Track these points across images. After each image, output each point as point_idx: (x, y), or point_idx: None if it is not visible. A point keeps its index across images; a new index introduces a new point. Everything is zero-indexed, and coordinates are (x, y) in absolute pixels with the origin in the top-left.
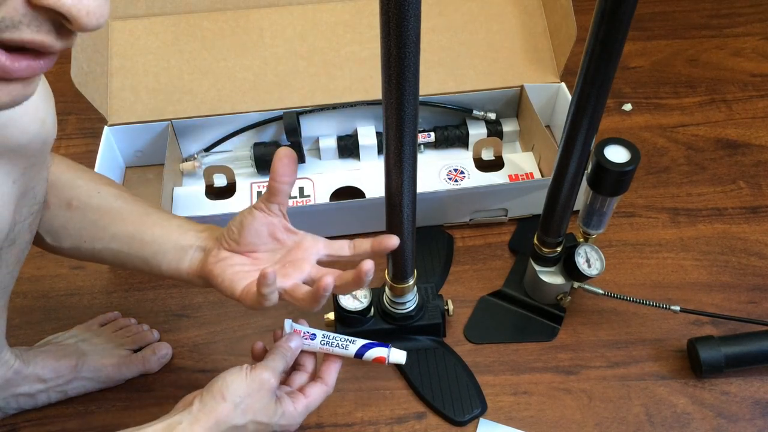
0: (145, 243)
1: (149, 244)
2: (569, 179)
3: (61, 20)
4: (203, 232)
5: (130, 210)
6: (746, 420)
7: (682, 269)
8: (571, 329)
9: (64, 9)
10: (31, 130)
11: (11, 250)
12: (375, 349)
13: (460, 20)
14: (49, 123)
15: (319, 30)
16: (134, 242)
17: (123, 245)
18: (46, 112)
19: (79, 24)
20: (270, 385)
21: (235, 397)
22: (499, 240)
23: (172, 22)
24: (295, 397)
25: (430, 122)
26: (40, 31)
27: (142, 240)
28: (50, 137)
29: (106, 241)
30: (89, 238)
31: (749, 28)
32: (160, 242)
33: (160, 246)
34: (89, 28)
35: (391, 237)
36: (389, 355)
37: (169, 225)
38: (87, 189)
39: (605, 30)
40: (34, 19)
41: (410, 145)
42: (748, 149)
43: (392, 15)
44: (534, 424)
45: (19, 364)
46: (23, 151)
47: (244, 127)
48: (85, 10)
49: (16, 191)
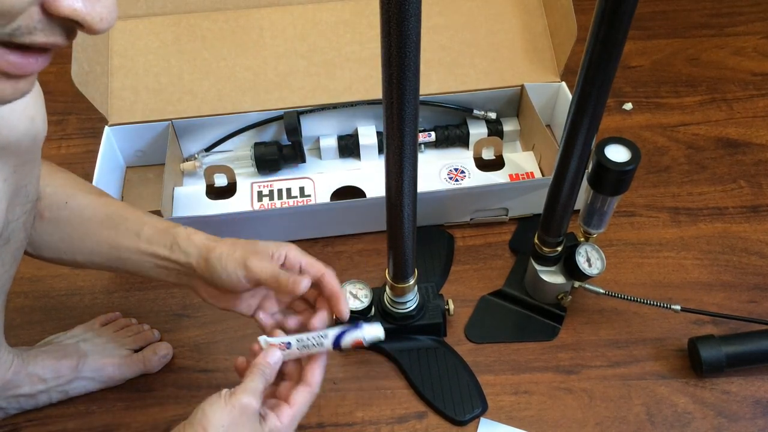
0: (123, 260)
1: (128, 262)
2: (570, 179)
3: (73, 25)
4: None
5: (99, 222)
6: (747, 419)
7: (683, 268)
8: (571, 329)
9: (80, 18)
10: (21, 128)
11: (6, 249)
12: (349, 335)
13: (461, 20)
14: (39, 120)
15: (319, 29)
16: (113, 258)
17: (104, 259)
18: (35, 110)
19: (92, 29)
20: (252, 409)
21: (218, 428)
22: (500, 239)
23: (172, 22)
24: (279, 410)
25: (430, 122)
26: (53, 34)
27: (119, 257)
28: (40, 134)
29: (86, 254)
30: (68, 250)
31: (750, 27)
32: (136, 260)
33: (137, 265)
34: (101, 32)
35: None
36: (364, 335)
37: (138, 240)
38: (56, 199)
39: (605, 29)
40: (48, 25)
41: (411, 144)
42: (748, 148)
43: (392, 14)
44: (535, 423)
45: (20, 364)
46: (13, 149)
47: (244, 126)
48: (99, 17)
49: (8, 189)
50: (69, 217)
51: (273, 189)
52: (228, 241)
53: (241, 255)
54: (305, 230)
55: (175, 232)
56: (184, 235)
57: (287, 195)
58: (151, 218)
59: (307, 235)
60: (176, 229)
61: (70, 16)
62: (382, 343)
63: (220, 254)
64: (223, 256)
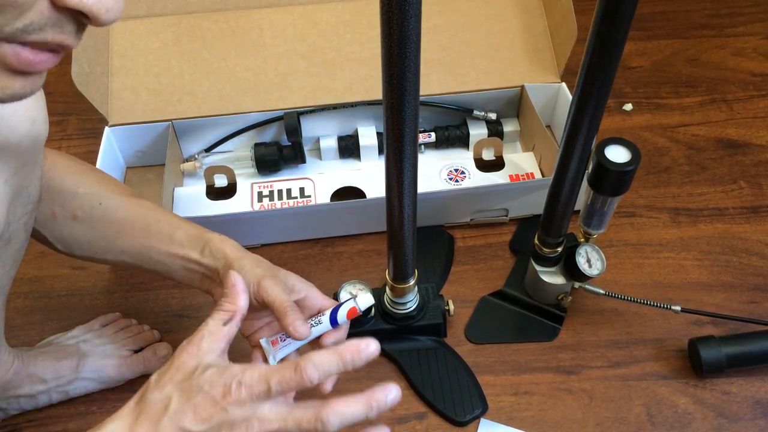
0: (153, 261)
1: (158, 263)
2: (570, 179)
3: (81, 19)
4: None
5: (132, 223)
6: (747, 420)
7: (683, 269)
8: (571, 329)
9: (86, 8)
10: (22, 129)
11: (7, 250)
12: (342, 308)
13: (461, 20)
14: (40, 122)
15: (319, 30)
16: (143, 258)
17: (134, 259)
18: (36, 111)
19: (99, 21)
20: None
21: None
22: (500, 240)
23: (172, 22)
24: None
25: (430, 122)
26: (63, 31)
27: (150, 258)
28: (41, 136)
29: (117, 254)
30: (100, 249)
31: (750, 27)
32: (167, 262)
33: (167, 266)
34: (108, 24)
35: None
36: (357, 302)
37: (171, 243)
38: (89, 199)
39: (606, 30)
40: (57, 21)
41: (411, 145)
42: (748, 149)
43: (393, 15)
44: (535, 424)
45: (20, 364)
46: (14, 150)
47: (244, 127)
48: (105, 7)
49: (9, 191)
50: (102, 217)
51: (273, 189)
52: (255, 257)
53: (260, 273)
54: (305, 231)
55: (208, 237)
56: (217, 242)
57: (287, 195)
58: (183, 222)
59: (307, 236)
60: (209, 235)
61: (77, 6)
62: (382, 344)
63: (242, 266)
64: (244, 268)
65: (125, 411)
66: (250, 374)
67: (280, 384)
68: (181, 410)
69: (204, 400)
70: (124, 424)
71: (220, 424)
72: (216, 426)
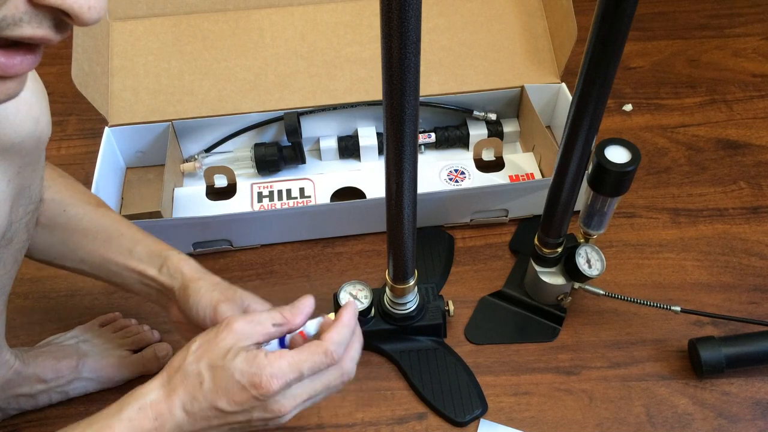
0: (111, 272)
1: (115, 275)
2: (570, 180)
3: (61, 16)
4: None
5: (95, 233)
6: (747, 420)
7: (683, 269)
8: (571, 330)
9: (66, 6)
10: (25, 129)
11: (8, 250)
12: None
13: (461, 21)
14: (43, 121)
15: (319, 30)
16: (102, 269)
17: (93, 269)
18: (40, 111)
19: (81, 20)
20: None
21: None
22: (500, 240)
23: (172, 22)
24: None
25: (430, 123)
26: (41, 26)
27: (108, 270)
28: (44, 136)
29: (76, 262)
30: (59, 255)
31: (750, 28)
32: (124, 275)
33: (124, 279)
34: (90, 23)
35: None
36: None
37: (130, 257)
38: (54, 206)
39: (605, 30)
40: (35, 16)
41: (411, 145)
42: (748, 149)
43: (393, 15)
44: (535, 424)
45: (20, 364)
46: (17, 150)
47: (244, 127)
48: (87, 5)
49: (12, 190)
50: (66, 224)
51: (273, 190)
52: (212, 279)
53: (216, 297)
54: (305, 231)
55: (167, 255)
56: (175, 260)
57: (287, 196)
58: (145, 237)
59: (307, 236)
60: (169, 252)
61: (55, 4)
62: (382, 344)
63: (198, 288)
64: (201, 291)
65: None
66: (278, 365)
67: (312, 369)
68: (215, 391)
69: (236, 387)
70: (163, 392)
71: (252, 407)
72: (249, 409)
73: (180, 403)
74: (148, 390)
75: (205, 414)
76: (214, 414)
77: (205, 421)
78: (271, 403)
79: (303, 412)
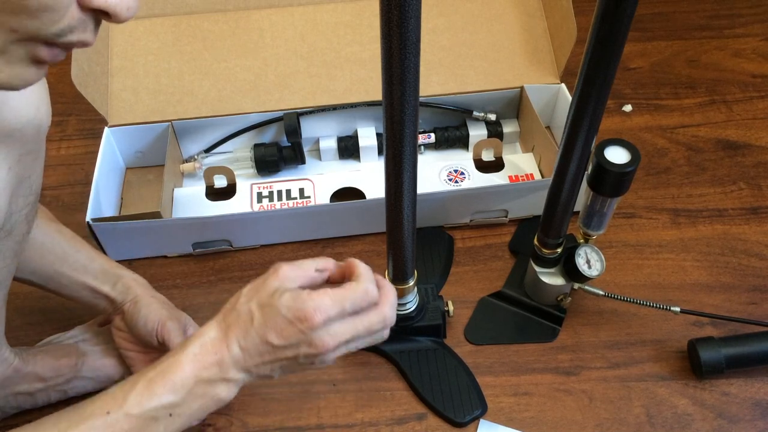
0: (62, 285)
1: (66, 287)
2: (569, 180)
3: (101, 17)
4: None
5: (50, 248)
6: (747, 421)
7: (683, 270)
8: (571, 330)
9: (110, 8)
10: (25, 116)
11: (7, 242)
12: None
13: (461, 21)
14: (43, 110)
15: (319, 31)
16: (53, 282)
17: (42, 281)
18: (40, 99)
19: (119, 18)
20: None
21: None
22: (500, 241)
23: (172, 22)
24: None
25: (430, 123)
26: (86, 30)
27: (59, 283)
28: (44, 124)
29: (26, 273)
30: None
31: (749, 29)
32: (76, 289)
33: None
34: (125, 20)
35: None
36: None
37: (85, 273)
38: None
39: (605, 30)
40: (82, 22)
41: (410, 146)
42: (748, 150)
43: (393, 16)
44: (534, 424)
45: (19, 362)
46: (18, 137)
47: (244, 128)
48: (126, 5)
49: (12, 179)
50: None
51: (273, 190)
52: (162, 299)
53: (165, 314)
54: (305, 232)
55: (120, 273)
56: (129, 279)
57: (287, 196)
58: (99, 256)
59: (307, 237)
60: (122, 272)
61: (101, 7)
62: (382, 344)
63: (149, 304)
64: (151, 307)
65: (219, 318)
66: (321, 300)
67: (353, 306)
68: (264, 325)
69: (283, 322)
70: (219, 330)
71: (299, 342)
72: (295, 343)
73: (235, 338)
74: (206, 329)
75: (258, 349)
76: (265, 348)
77: (259, 357)
78: (315, 337)
79: (303, 411)
